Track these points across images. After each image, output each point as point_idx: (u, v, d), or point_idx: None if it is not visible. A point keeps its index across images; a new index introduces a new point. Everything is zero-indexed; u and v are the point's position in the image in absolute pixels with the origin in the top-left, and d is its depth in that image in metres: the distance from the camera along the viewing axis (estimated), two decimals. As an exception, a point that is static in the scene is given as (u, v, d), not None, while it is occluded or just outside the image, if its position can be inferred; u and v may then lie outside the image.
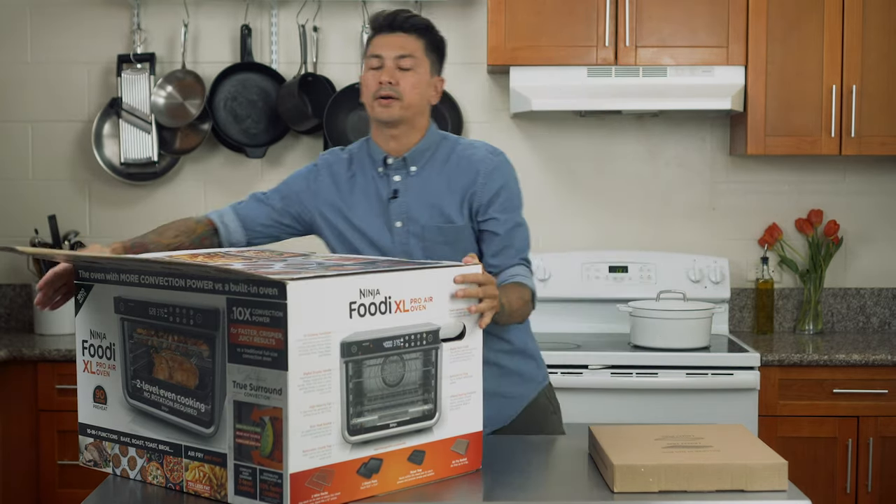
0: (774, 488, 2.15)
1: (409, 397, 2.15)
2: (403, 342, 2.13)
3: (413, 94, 2.64)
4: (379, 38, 2.68)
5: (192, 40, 4.47)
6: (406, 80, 2.64)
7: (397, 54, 2.64)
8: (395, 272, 2.12)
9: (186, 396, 2.12)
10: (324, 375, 2.00)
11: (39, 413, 3.99)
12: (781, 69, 4.11)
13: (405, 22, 2.64)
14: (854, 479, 3.89)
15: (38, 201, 4.50)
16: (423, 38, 2.67)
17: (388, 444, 2.12)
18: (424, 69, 2.66)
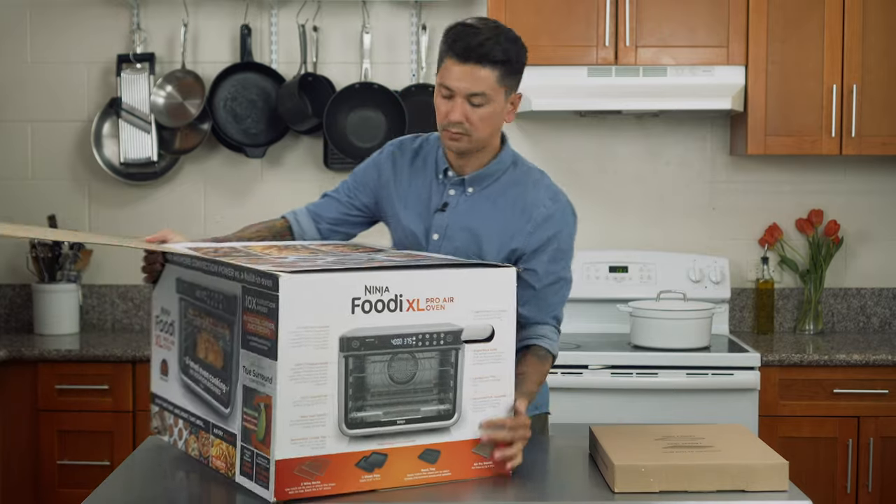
0: (775, 488, 2.15)
1: (422, 396, 2.14)
2: (416, 341, 2.11)
3: (484, 129, 2.48)
4: (452, 64, 2.44)
5: (191, 40, 4.47)
6: (477, 115, 2.46)
7: (469, 92, 2.44)
8: (408, 270, 2.11)
9: (214, 376, 2.19)
10: (319, 368, 2.02)
11: (39, 413, 3.98)
12: (782, 69, 4.11)
13: (481, 57, 2.42)
14: (854, 479, 3.89)
15: (38, 201, 4.50)
16: (499, 69, 2.45)
17: (395, 440, 2.12)
18: (498, 100, 2.48)
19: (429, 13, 4.44)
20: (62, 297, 4.30)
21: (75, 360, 3.97)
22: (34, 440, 3.99)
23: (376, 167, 2.72)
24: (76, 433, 3.99)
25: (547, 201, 2.56)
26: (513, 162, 2.61)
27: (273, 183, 4.51)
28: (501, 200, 2.56)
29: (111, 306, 4.53)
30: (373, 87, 4.37)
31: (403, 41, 4.45)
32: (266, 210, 4.53)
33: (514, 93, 2.52)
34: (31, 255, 4.34)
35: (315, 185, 4.49)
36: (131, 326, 4.53)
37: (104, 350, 3.97)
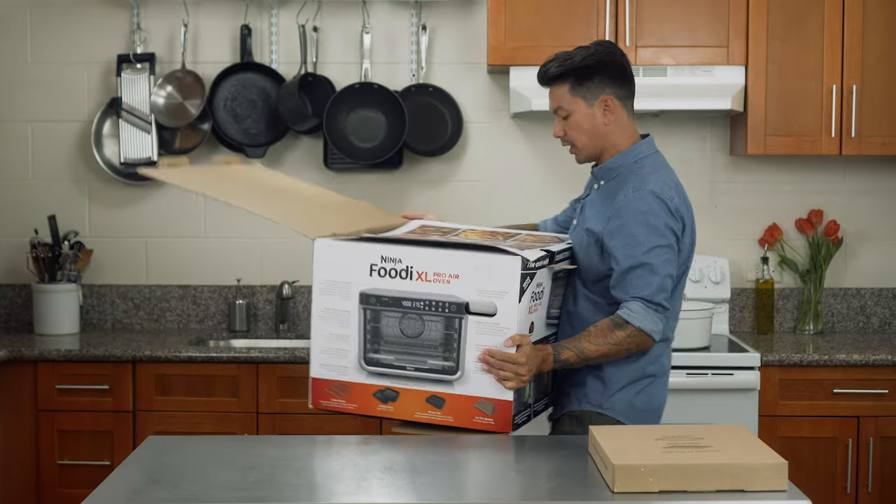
0: (774, 488, 2.15)
1: (429, 351, 2.60)
2: (423, 305, 2.57)
3: (581, 136, 2.84)
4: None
5: (191, 40, 4.47)
6: (569, 127, 2.84)
7: (553, 108, 2.86)
8: (421, 246, 2.58)
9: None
10: (342, 314, 2.64)
11: (39, 413, 3.99)
12: (781, 69, 4.11)
13: (543, 78, 2.85)
14: (854, 479, 3.89)
15: (38, 201, 4.50)
16: (566, 82, 2.81)
17: (406, 382, 2.62)
18: (579, 107, 2.82)
19: (429, 13, 4.45)
20: (62, 297, 4.30)
21: (75, 360, 3.97)
22: (34, 440, 3.99)
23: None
24: (76, 433, 3.99)
25: (629, 191, 2.76)
26: (636, 160, 2.85)
27: (273, 183, 4.51)
28: (611, 194, 2.81)
29: (111, 306, 4.53)
30: (373, 87, 4.37)
31: (403, 41, 4.45)
32: (266, 210, 4.53)
33: (598, 98, 2.80)
34: (32, 255, 4.34)
35: (315, 185, 4.49)
36: (131, 326, 4.53)
37: (104, 350, 3.97)
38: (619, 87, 2.83)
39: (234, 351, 4.00)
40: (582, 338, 2.71)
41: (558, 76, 2.81)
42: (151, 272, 4.53)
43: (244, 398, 3.94)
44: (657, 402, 2.87)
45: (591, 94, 2.80)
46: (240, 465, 2.38)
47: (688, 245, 2.83)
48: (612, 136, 2.85)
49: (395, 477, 2.32)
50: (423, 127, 4.40)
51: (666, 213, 2.73)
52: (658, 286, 2.70)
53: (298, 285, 4.49)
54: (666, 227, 2.72)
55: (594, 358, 2.70)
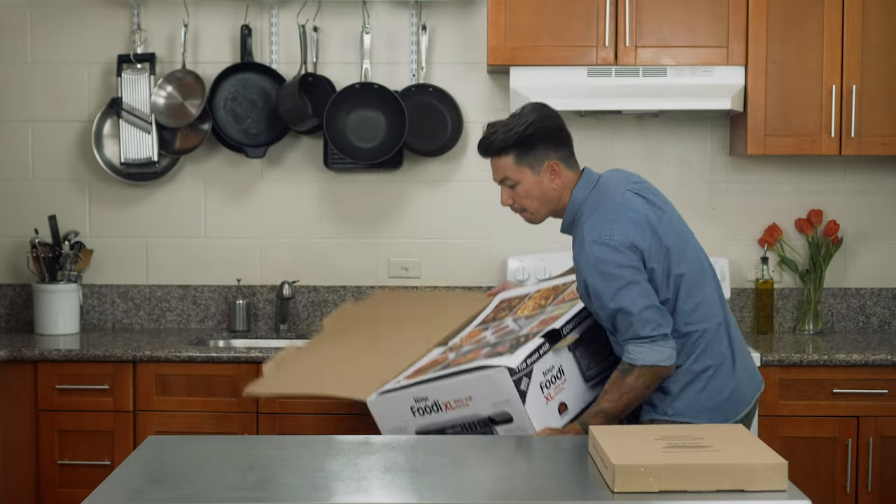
0: (774, 488, 2.15)
1: None
2: (461, 428, 2.84)
3: (532, 202, 2.92)
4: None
5: (192, 40, 4.47)
6: (518, 195, 2.91)
7: (499, 178, 2.92)
8: (435, 382, 2.85)
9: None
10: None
11: (39, 413, 3.99)
12: (781, 69, 4.11)
13: (486, 150, 2.91)
14: (854, 478, 3.89)
15: (38, 201, 4.50)
16: (510, 154, 2.87)
17: None
18: (526, 176, 2.89)
19: (429, 13, 4.45)
20: (63, 297, 4.31)
21: (76, 360, 3.97)
22: (34, 440, 3.99)
23: None
24: (76, 433, 3.99)
25: (576, 249, 2.85)
26: (577, 209, 2.90)
27: (273, 183, 4.52)
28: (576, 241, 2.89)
29: (112, 306, 4.53)
30: (373, 87, 4.37)
31: (403, 41, 4.45)
32: (266, 210, 4.54)
33: (543, 164, 2.88)
34: (32, 255, 4.34)
35: (315, 186, 4.50)
36: (132, 326, 4.53)
37: (104, 350, 3.97)
38: (561, 149, 2.92)
39: (235, 351, 4.00)
40: (602, 399, 2.79)
41: (502, 148, 2.87)
42: (152, 272, 4.53)
43: (244, 398, 3.94)
44: (727, 392, 2.88)
45: (536, 161, 2.87)
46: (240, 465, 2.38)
47: (669, 241, 2.86)
48: (563, 197, 2.92)
49: (395, 477, 2.32)
50: (423, 127, 4.40)
51: (612, 254, 2.78)
52: (640, 322, 2.76)
53: (298, 285, 4.49)
54: (618, 268, 2.77)
55: (621, 411, 2.78)
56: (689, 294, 2.84)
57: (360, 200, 4.50)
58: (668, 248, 2.84)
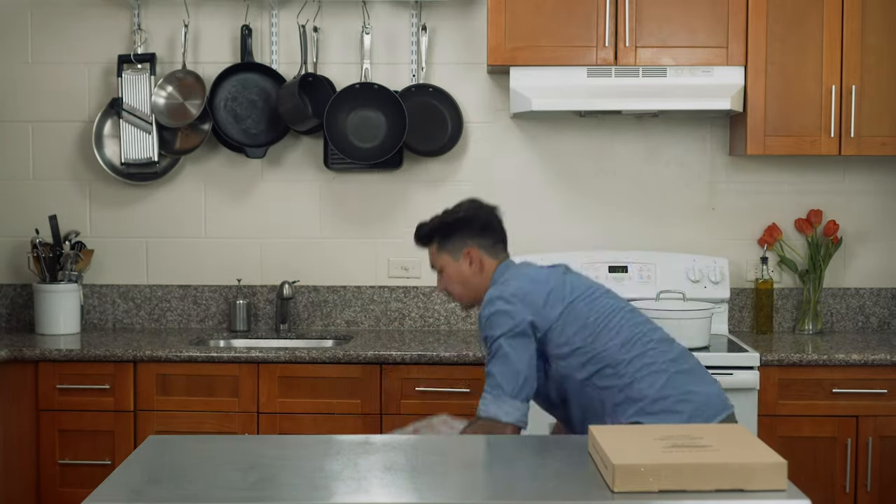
0: (774, 488, 2.16)
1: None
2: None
3: (455, 287, 3.14)
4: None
5: (192, 40, 4.48)
6: (444, 281, 3.15)
7: (432, 266, 3.17)
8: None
9: None
10: None
11: (40, 413, 3.99)
12: (781, 69, 4.11)
13: (417, 239, 3.16)
14: (853, 478, 3.90)
15: (39, 201, 4.50)
16: (433, 242, 3.13)
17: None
18: (447, 262, 3.11)
19: (429, 13, 4.45)
20: (63, 297, 4.31)
21: (76, 360, 3.97)
22: (35, 440, 4.00)
23: None
24: (77, 433, 4.00)
25: (479, 315, 3.01)
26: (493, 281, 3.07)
27: (273, 183, 4.52)
28: None
29: (112, 306, 4.53)
30: (373, 87, 4.37)
31: (403, 41, 4.46)
32: (266, 210, 4.54)
33: (461, 252, 3.08)
34: (33, 255, 4.35)
35: (315, 186, 4.50)
36: (132, 326, 4.53)
37: (105, 350, 3.97)
38: (482, 238, 3.10)
39: (235, 351, 4.00)
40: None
41: (427, 237, 3.13)
42: (152, 272, 4.54)
43: (244, 398, 3.95)
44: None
45: (455, 248, 3.09)
46: (240, 465, 2.39)
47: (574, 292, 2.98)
48: (484, 284, 3.08)
49: (395, 477, 2.32)
50: (423, 127, 4.41)
51: (501, 304, 2.95)
52: (494, 379, 2.89)
53: (298, 285, 4.49)
54: (500, 321, 2.94)
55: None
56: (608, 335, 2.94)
57: (360, 200, 4.51)
58: (569, 301, 2.97)
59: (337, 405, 3.93)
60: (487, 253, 3.10)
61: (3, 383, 3.96)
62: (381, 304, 4.49)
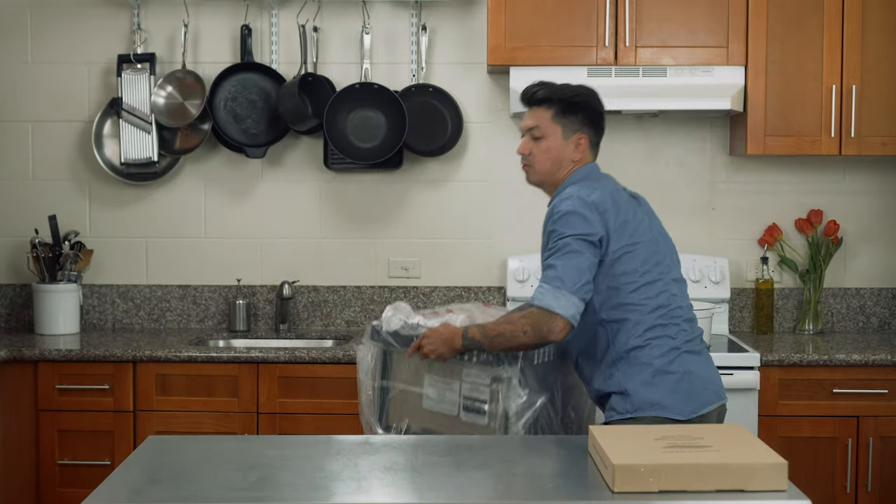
0: (774, 488, 2.15)
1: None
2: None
3: (545, 161, 3.01)
4: (524, 112, 3.07)
5: (192, 40, 4.47)
6: (538, 148, 3.01)
7: (529, 126, 3.02)
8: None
9: None
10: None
11: (39, 413, 3.99)
12: (781, 69, 4.11)
13: (531, 98, 3.02)
14: (854, 478, 3.89)
15: (39, 201, 4.50)
16: (552, 108, 2.98)
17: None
18: (555, 135, 2.98)
19: (429, 13, 4.45)
20: (63, 297, 4.31)
21: (76, 360, 3.97)
22: (34, 440, 3.99)
23: None
24: (76, 433, 3.99)
25: (551, 206, 2.96)
26: (570, 184, 2.98)
27: (273, 183, 4.52)
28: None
29: (112, 306, 4.53)
30: (373, 87, 4.37)
31: (403, 41, 4.45)
32: (266, 210, 4.54)
33: (574, 133, 2.98)
34: (32, 255, 4.34)
35: (315, 186, 4.50)
36: (131, 326, 4.53)
37: (104, 350, 3.97)
38: (594, 133, 3.02)
39: (235, 351, 4.00)
40: (489, 322, 2.93)
41: (546, 100, 2.98)
42: (152, 272, 4.53)
43: (244, 398, 3.95)
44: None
45: (570, 127, 2.98)
46: (240, 465, 2.38)
47: (637, 234, 2.90)
48: (568, 174, 3.01)
49: (395, 477, 2.32)
50: (423, 127, 4.40)
51: (576, 204, 2.87)
52: (557, 274, 2.80)
53: (298, 285, 4.49)
54: (573, 222, 2.85)
55: (494, 337, 2.85)
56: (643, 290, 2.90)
57: (360, 200, 4.50)
58: (629, 228, 2.91)
59: (337, 405, 3.92)
60: (591, 148, 3.02)
61: (3, 383, 3.95)
62: (381, 304, 4.49)
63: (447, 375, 2.98)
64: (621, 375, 2.85)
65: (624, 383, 2.84)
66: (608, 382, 2.87)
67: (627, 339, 2.85)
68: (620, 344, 2.86)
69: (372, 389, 3.11)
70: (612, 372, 2.86)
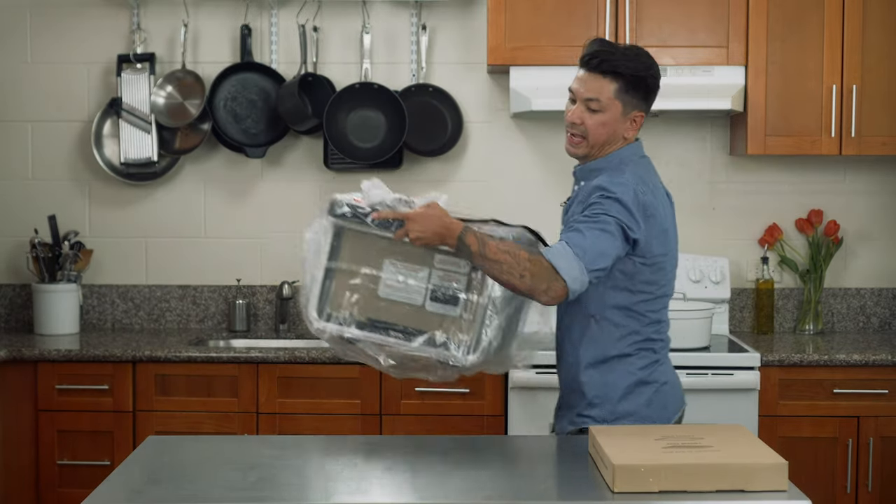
0: (774, 488, 2.15)
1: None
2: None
3: (600, 135, 2.78)
4: (580, 72, 2.81)
5: (191, 40, 4.47)
6: (593, 120, 2.77)
7: (587, 97, 2.77)
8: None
9: None
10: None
11: (39, 413, 3.98)
12: (782, 69, 4.11)
13: (599, 65, 2.76)
14: (854, 479, 3.89)
15: (38, 201, 4.50)
16: (617, 82, 2.76)
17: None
18: (615, 110, 2.78)
19: (429, 13, 4.45)
20: (62, 297, 4.30)
21: (75, 360, 3.97)
22: (34, 440, 3.99)
23: None
24: (76, 433, 3.99)
25: (604, 178, 2.73)
26: (620, 161, 2.80)
27: (273, 183, 4.51)
28: (587, 190, 2.75)
29: (111, 306, 4.53)
30: (373, 87, 4.37)
31: (403, 41, 4.45)
32: (266, 210, 4.54)
33: (633, 111, 2.80)
34: (32, 255, 4.34)
35: (315, 186, 4.50)
36: (131, 326, 4.53)
37: (104, 350, 3.97)
38: (648, 107, 2.87)
39: (234, 351, 4.00)
40: (492, 240, 2.58)
41: (616, 74, 2.76)
42: (151, 272, 4.53)
43: (244, 398, 3.94)
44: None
45: (630, 104, 2.80)
46: (240, 465, 2.38)
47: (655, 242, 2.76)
48: (616, 144, 2.83)
49: (395, 477, 2.32)
50: (423, 127, 4.40)
51: (624, 192, 2.69)
52: (583, 246, 2.60)
53: (298, 285, 4.48)
54: (617, 207, 2.67)
55: (490, 259, 2.53)
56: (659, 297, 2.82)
57: (360, 200, 4.49)
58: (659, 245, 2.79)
59: (336, 405, 3.92)
60: (642, 125, 2.85)
61: (2, 383, 3.95)
62: (380, 305, 4.48)
63: (414, 261, 2.65)
64: (602, 379, 2.78)
65: (605, 389, 2.77)
66: (590, 383, 2.78)
67: (617, 345, 2.78)
68: (609, 346, 2.78)
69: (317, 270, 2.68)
70: (593, 374, 2.78)
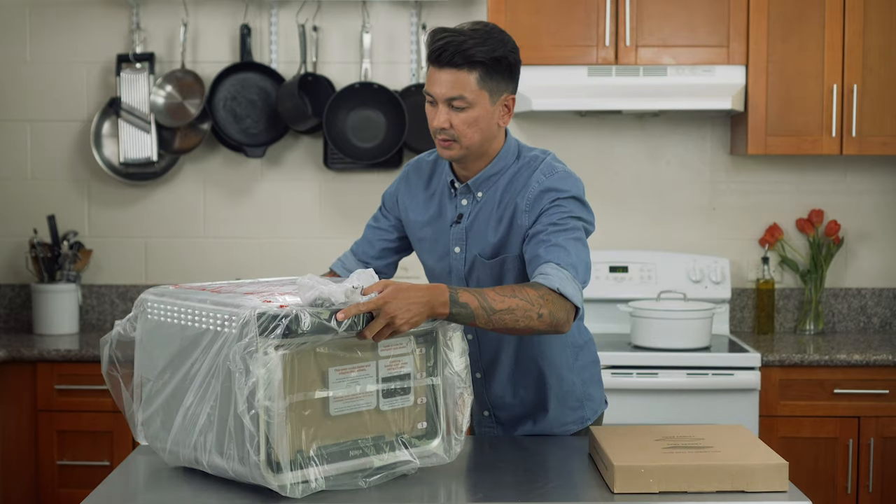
0: (775, 489, 2.15)
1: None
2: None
3: (474, 134, 2.45)
4: (432, 71, 2.43)
5: (191, 40, 4.47)
6: (461, 119, 2.43)
7: (448, 96, 2.41)
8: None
9: None
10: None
11: (38, 413, 3.98)
12: (782, 69, 4.10)
13: (451, 59, 2.38)
14: (855, 479, 3.89)
15: (38, 201, 4.49)
16: (477, 70, 2.40)
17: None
18: (483, 102, 2.42)
19: (429, 13, 4.44)
20: (62, 297, 4.30)
21: (75, 361, 3.96)
22: (34, 440, 3.99)
23: (396, 191, 2.74)
24: (76, 433, 3.99)
25: (541, 177, 2.48)
26: (516, 155, 2.55)
27: (273, 183, 4.51)
28: (507, 196, 2.51)
29: (111, 306, 4.52)
30: (373, 86, 4.36)
31: (403, 41, 4.45)
32: (266, 210, 4.54)
33: (501, 96, 2.45)
34: (31, 255, 4.34)
35: (315, 185, 4.49)
36: (131, 326, 4.52)
37: (104, 350, 3.96)
38: (515, 87, 2.49)
39: (234, 351, 3.99)
40: (487, 290, 2.30)
41: (471, 62, 2.39)
42: (151, 272, 4.53)
43: (244, 398, 3.93)
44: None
45: (497, 90, 2.43)
46: (239, 465, 2.37)
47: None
48: (496, 141, 2.52)
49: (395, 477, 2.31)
50: (423, 127, 4.39)
51: (581, 189, 2.51)
52: (571, 262, 2.40)
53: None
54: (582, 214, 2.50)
55: (498, 311, 2.26)
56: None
57: (359, 200, 4.50)
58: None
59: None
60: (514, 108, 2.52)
61: (2, 384, 3.95)
62: (380, 305, 4.48)
63: (356, 361, 2.20)
64: (588, 375, 2.73)
65: (590, 383, 2.73)
66: (584, 383, 2.72)
67: (580, 331, 2.69)
68: (550, 349, 2.64)
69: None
70: (581, 375, 2.71)
